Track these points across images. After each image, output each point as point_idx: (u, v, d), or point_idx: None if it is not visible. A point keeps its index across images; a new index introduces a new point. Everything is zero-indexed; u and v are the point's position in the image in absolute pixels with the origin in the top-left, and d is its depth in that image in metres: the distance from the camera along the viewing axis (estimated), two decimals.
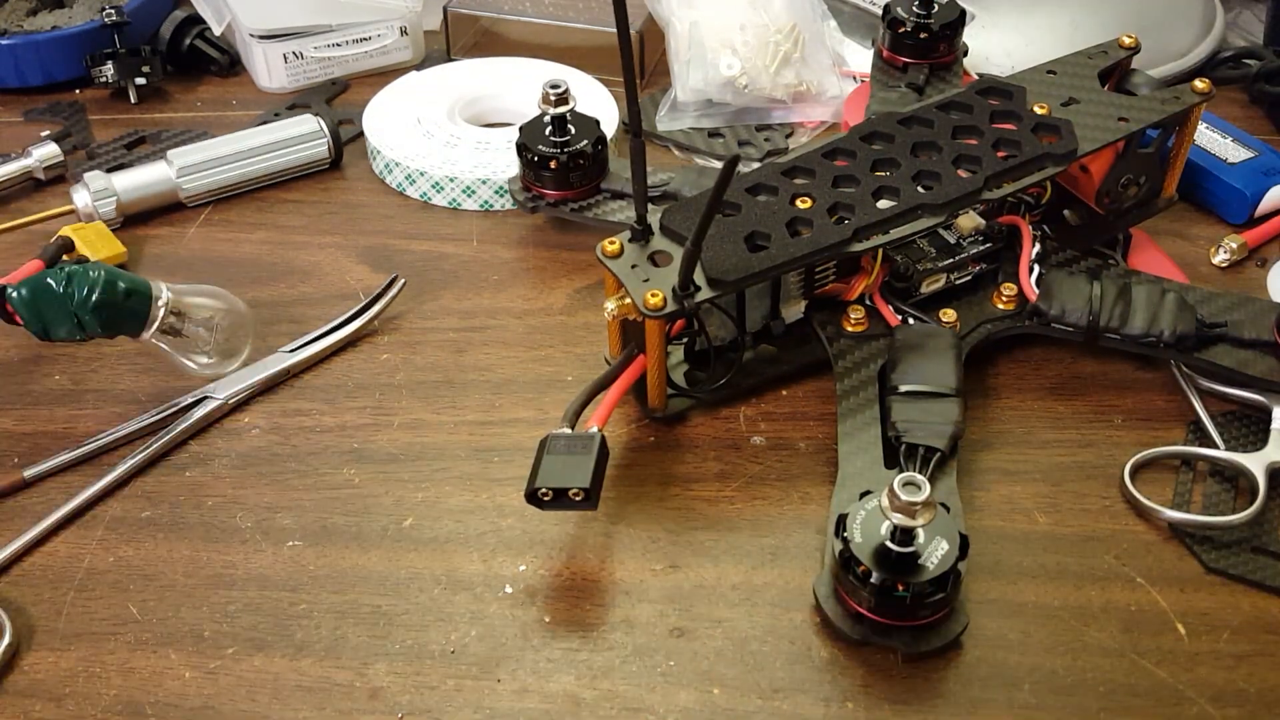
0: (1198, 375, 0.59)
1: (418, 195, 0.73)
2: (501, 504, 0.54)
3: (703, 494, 0.55)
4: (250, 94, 0.84)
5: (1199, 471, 0.56)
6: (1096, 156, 0.61)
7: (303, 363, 0.61)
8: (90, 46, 0.81)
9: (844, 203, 0.56)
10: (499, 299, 0.66)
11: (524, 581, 0.51)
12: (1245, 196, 0.70)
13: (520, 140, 0.67)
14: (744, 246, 0.54)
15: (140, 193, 0.71)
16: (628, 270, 0.54)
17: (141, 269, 0.68)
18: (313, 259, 0.69)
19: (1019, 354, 0.62)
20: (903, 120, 0.60)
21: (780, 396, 0.60)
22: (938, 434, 0.52)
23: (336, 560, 0.52)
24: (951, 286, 0.61)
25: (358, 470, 0.56)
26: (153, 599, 0.51)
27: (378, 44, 0.84)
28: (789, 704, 0.47)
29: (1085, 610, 0.50)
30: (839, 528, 0.48)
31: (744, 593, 0.51)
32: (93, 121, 0.81)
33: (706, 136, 0.78)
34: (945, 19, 0.69)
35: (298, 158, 0.74)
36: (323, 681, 0.48)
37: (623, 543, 0.53)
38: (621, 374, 0.55)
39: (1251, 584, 0.51)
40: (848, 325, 0.59)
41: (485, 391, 0.60)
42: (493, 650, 0.49)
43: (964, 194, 0.56)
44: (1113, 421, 0.58)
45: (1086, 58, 0.64)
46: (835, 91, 0.78)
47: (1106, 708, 0.47)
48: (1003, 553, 0.52)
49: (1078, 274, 0.60)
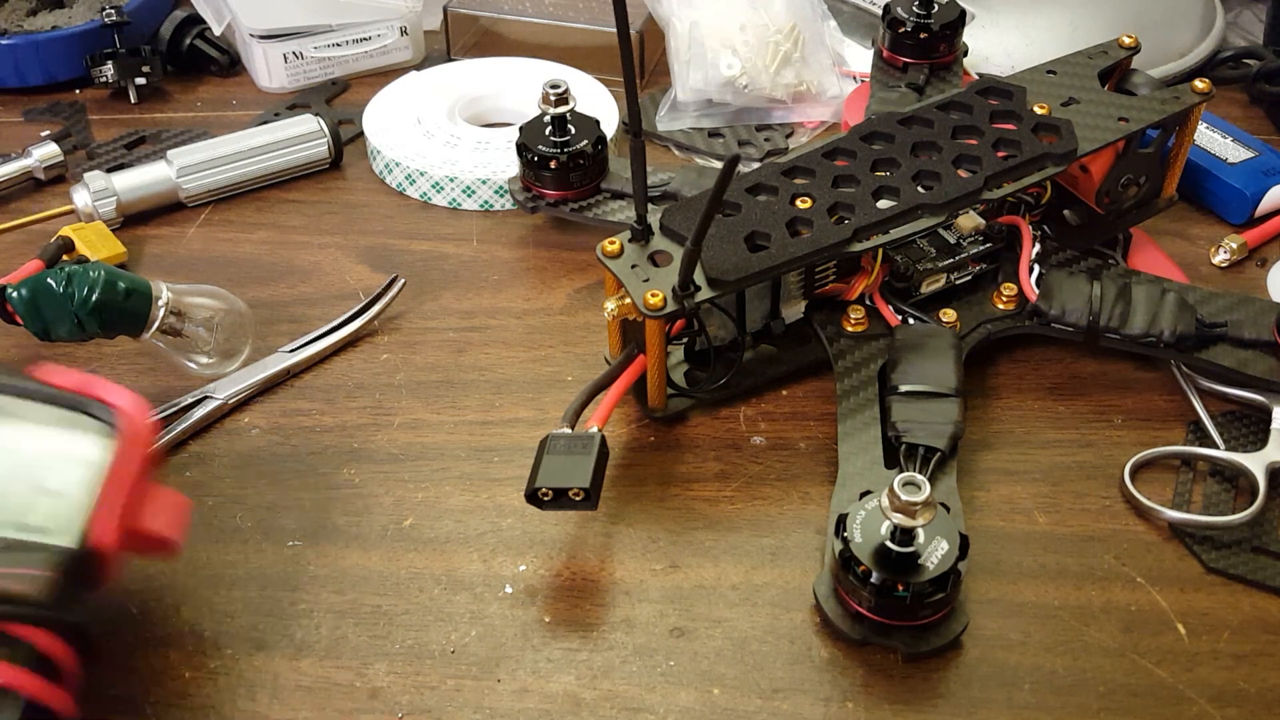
0: (1198, 375, 0.59)
1: (418, 195, 0.73)
2: (501, 504, 0.54)
3: (703, 494, 0.55)
4: (250, 94, 0.84)
5: (1199, 471, 0.56)
6: (1096, 156, 0.61)
7: (303, 363, 0.61)
8: (90, 46, 0.81)
9: (844, 203, 0.56)
10: (499, 299, 0.66)
11: (524, 581, 0.51)
12: (1245, 196, 0.70)
13: (520, 140, 0.67)
14: (744, 246, 0.54)
15: (140, 193, 0.71)
16: (628, 270, 0.54)
17: (141, 269, 0.68)
18: (313, 259, 0.69)
19: (1019, 354, 0.62)
20: (903, 120, 0.60)
21: (780, 396, 0.60)
22: (938, 434, 0.52)
23: (336, 560, 0.52)
24: (951, 286, 0.61)
25: (358, 470, 0.56)
26: (152, 599, 0.51)
27: (378, 44, 0.84)
28: (789, 704, 0.47)
29: (1085, 610, 0.50)
30: (839, 528, 0.48)
31: (744, 593, 0.51)
32: (93, 121, 0.81)
33: (706, 136, 0.78)
34: (945, 19, 0.68)
35: (298, 158, 0.74)
36: (323, 681, 0.48)
37: (623, 543, 0.53)
38: (621, 374, 0.55)
39: (1251, 584, 0.51)
40: (848, 325, 0.59)
41: (485, 391, 0.60)
42: (493, 650, 0.49)
43: (964, 194, 0.56)
44: (1113, 421, 0.58)
45: (1086, 58, 0.64)
46: (835, 91, 0.78)
47: (1106, 708, 0.47)
48: (1003, 553, 0.52)
49: (1078, 274, 0.60)
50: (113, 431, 0.40)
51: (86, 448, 0.39)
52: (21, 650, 0.35)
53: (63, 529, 0.37)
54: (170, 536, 0.41)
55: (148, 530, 0.41)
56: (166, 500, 0.42)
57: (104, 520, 0.38)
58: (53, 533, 0.36)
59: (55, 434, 0.39)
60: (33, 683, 0.35)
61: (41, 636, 0.35)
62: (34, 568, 0.35)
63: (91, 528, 0.37)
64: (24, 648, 0.35)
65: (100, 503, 0.38)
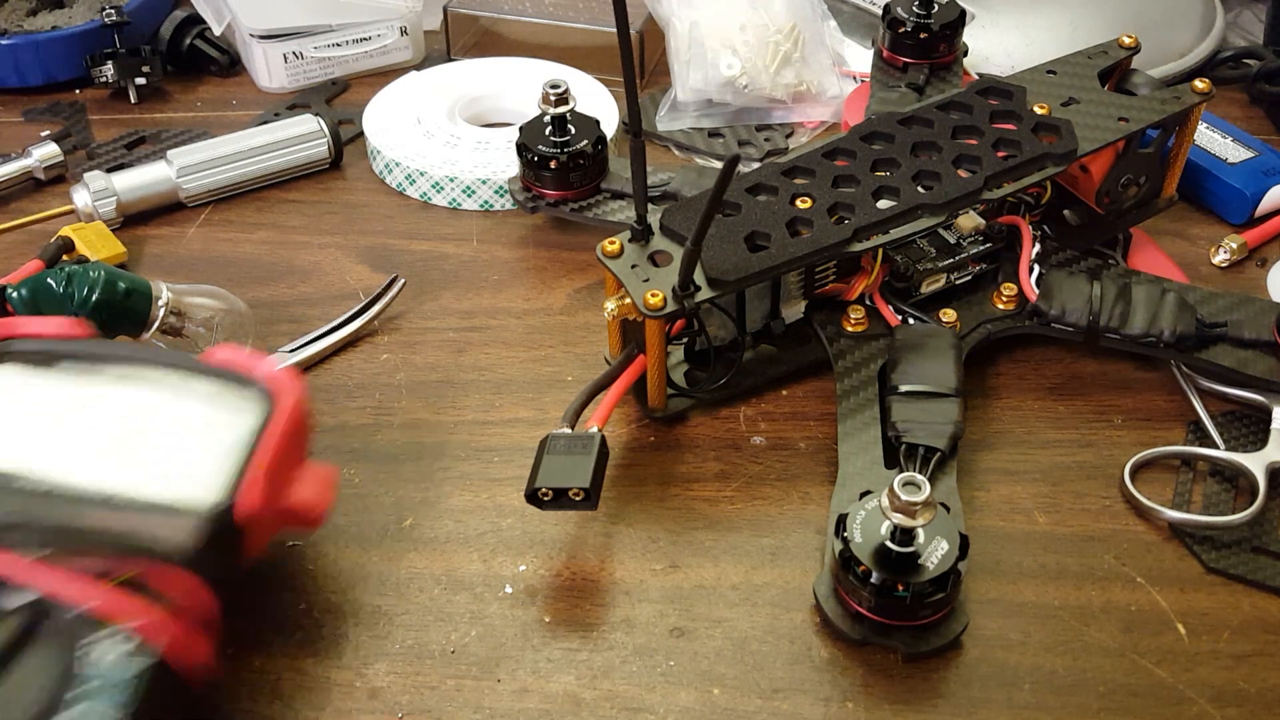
0: (1198, 375, 0.59)
1: (418, 195, 0.73)
2: (501, 504, 0.55)
3: (703, 494, 0.55)
4: (250, 94, 0.84)
5: (1199, 471, 0.56)
6: (1096, 156, 0.61)
7: (303, 363, 0.61)
8: (90, 46, 0.81)
9: (844, 203, 0.56)
10: (499, 299, 0.66)
11: (524, 581, 0.51)
12: (1245, 196, 0.70)
13: (520, 140, 0.67)
14: (744, 246, 0.54)
15: (140, 193, 0.71)
16: (628, 270, 0.54)
17: (141, 269, 0.68)
18: (313, 259, 0.69)
19: (1019, 354, 0.62)
20: (903, 120, 0.60)
21: (780, 396, 0.60)
22: (938, 434, 0.52)
23: (336, 560, 0.52)
24: (951, 286, 0.61)
25: (358, 470, 0.56)
26: None
27: (378, 44, 0.84)
28: (789, 704, 0.47)
29: (1085, 610, 0.50)
30: (839, 528, 0.48)
31: (744, 593, 0.51)
32: (93, 121, 0.81)
33: (706, 136, 0.78)
34: (945, 19, 0.68)
35: (298, 158, 0.74)
36: (323, 681, 0.48)
37: (623, 543, 0.53)
38: (621, 374, 0.55)
39: (1251, 584, 0.51)
40: (848, 325, 0.59)
41: (485, 391, 0.60)
42: (493, 650, 0.49)
43: (964, 194, 0.56)
44: (1113, 421, 0.58)
45: (1086, 58, 0.64)
46: (835, 91, 0.78)
47: (1106, 708, 0.47)
48: (1003, 553, 0.52)
49: (1078, 274, 0.60)
50: (267, 403, 0.43)
51: (241, 417, 0.43)
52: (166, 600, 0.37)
53: (213, 489, 0.40)
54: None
55: (294, 497, 0.44)
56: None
57: (252, 483, 0.41)
58: (203, 492, 0.40)
59: (213, 404, 0.43)
60: (175, 627, 0.37)
61: (186, 583, 0.38)
62: (183, 519, 0.38)
63: (240, 489, 0.41)
64: (169, 598, 0.37)
65: (250, 467, 0.41)
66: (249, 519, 0.41)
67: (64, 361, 0.46)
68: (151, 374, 0.45)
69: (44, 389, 0.44)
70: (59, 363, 0.46)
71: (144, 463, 0.41)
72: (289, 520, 0.45)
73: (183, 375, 0.45)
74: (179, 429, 0.43)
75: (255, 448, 0.42)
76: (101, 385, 0.44)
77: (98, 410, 0.43)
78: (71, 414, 0.43)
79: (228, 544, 0.41)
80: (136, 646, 0.36)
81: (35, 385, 0.45)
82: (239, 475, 0.41)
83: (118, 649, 0.36)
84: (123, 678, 0.35)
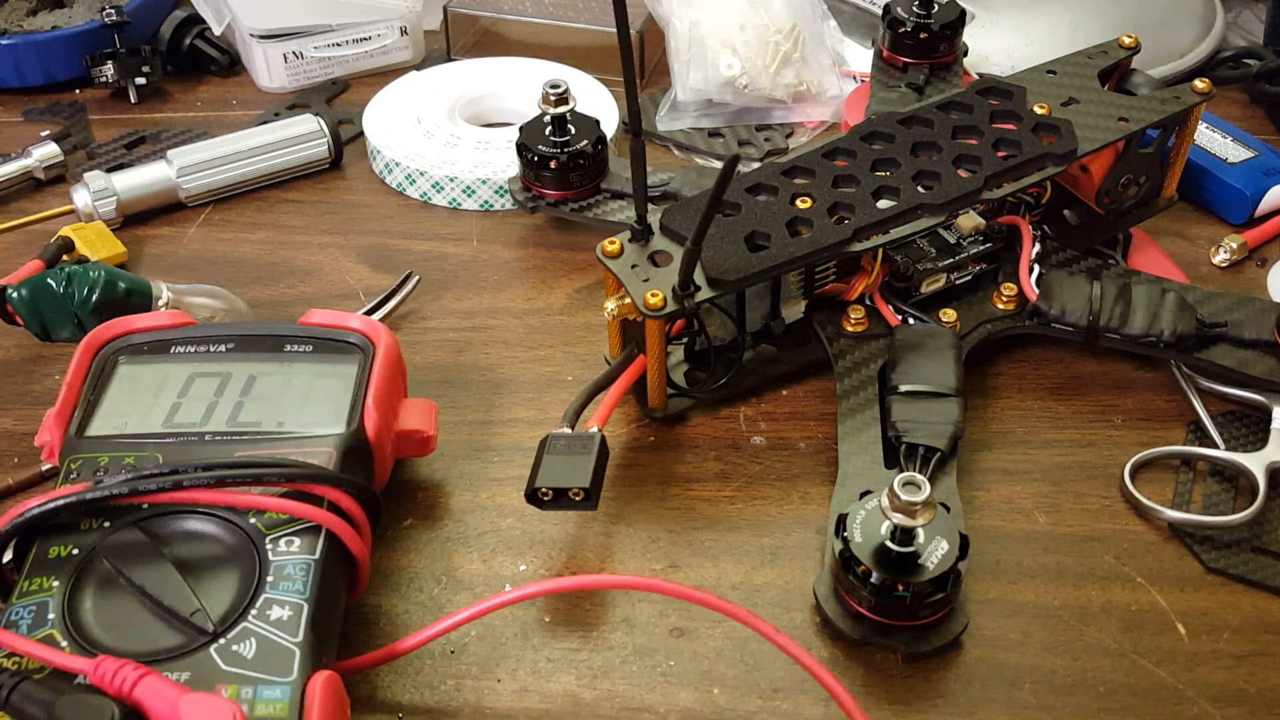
0: (1198, 375, 0.59)
1: (418, 195, 0.73)
2: (501, 504, 0.55)
3: (703, 494, 0.55)
4: (250, 94, 0.84)
5: (1199, 471, 0.56)
6: (1096, 156, 0.61)
7: None
8: (90, 46, 0.81)
9: (844, 203, 0.56)
10: (499, 299, 0.66)
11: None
12: (1245, 196, 0.70)
13: (520, 140, 0.67)
14: (744, 246, 0.54)
15: (140, 193, 0.71)
16: (628, 270, 0.54)
17: (141, 269, 0.68)
18: (313, 259, 0.69)
19: (1019, 354, 0.62)
20: (903, 120, 0.60)
21: (780, 396, 0.60)
22: (938, 434, 0.52)
23: None
24: (951, 286, 0.61)
25: None
26: None
27: (378, 44, 0.84)
28: (789, 704, 0.47)
29: (1085, 610, 0.50)
30: (839, 528, 0.48)
31: (744, 593, 0.51)
32: (93, 121, 0.81)
33: (706, 136, 0.78)
34: (945, 19, 0.69)
35: (298, 158, 0.74)
36: None
37: (623, 543, 0.53)
38: (621, 374, 0.55)
39: (1251, 584, 0.51)
40: (848, 325, 0.59)
41: (485, 391, 0.60)
42: (493, 650, 0.49)
43: (964, 194, 0.56)
44: (1113, 421, 0.58)
45: (1086, 58, 0.64)
46: (835, 91, 0.78)
47: (1106, 708, 0.47)
48: (1003, 553, 0.52)
49: (1078, 274, 0.60)
50: (365, 350, 0.52)
51: (345, 366, 0.52)
52: (324, 501, 0.46)
53: (341, 419, 0.49)
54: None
55: (405, 425, 0.52)
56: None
57: (370, 409, 0.49)
58: (331, 426, 0.49)
59: (322, 357, 0.52)
60: (335, 521, 0.45)
61: (337, 493, 0.46)
62: (321, 447, 0.48)
63: (362, 416, 0.49)
64: (326, 501, 0.46)
65: (366, 399, 0.50)
66: (373, 439, 0.49)
67: (176, 346, 0.52)
68: (262, 339, 0.53)
69: (169, 370, 0.51)
70: (173, 348, 0.52)
71: (284, 409, 0.50)
72: (404, 444, 0.53)
73: (288, 338, 0.53)
74: (301, 381, 0.51)
75: (366, 384, 0.51)
76: (222, 361, 0.52)
77: (229, 379, 0.51)
78: (206, 380, 0.51)
79: (363, 460, 0.49)
80: (311, 539, 0.45)
81: (160, 369, 0.52)
82: (359, 406, 0.50)
83: (296, 542, 0.45)
84: (307, 560, 0.44)
